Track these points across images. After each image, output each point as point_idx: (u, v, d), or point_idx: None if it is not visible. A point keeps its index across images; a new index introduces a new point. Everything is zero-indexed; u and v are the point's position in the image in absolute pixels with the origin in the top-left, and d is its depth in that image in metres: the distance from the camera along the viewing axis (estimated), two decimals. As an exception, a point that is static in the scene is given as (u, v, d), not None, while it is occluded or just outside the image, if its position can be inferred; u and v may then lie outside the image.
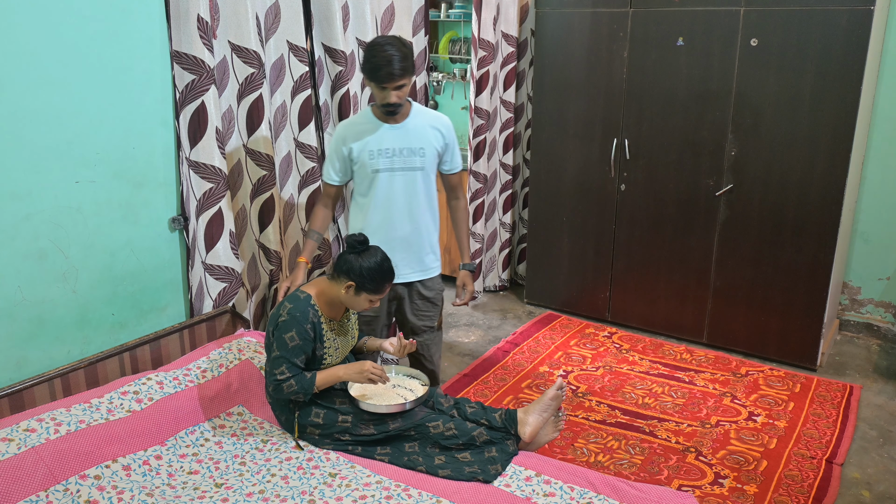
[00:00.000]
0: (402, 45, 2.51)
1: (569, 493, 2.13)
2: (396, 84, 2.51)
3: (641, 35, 3.95)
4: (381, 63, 2.46)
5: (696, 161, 3.93)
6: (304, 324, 2.31)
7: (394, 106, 2.58)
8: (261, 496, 2.10)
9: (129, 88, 2.48)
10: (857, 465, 3.04)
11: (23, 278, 2.28)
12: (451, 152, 2.81)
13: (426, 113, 2.77)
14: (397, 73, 2.48)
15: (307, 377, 2.32)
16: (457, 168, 2.86)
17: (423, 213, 2.78)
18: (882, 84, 3.96)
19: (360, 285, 2.34)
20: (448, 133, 2.78)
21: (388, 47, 2.47)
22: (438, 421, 2.35)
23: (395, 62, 2.46)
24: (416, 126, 2.70)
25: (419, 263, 2.83)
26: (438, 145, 2.75)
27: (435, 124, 2.75)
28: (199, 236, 2.73)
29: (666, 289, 4.20)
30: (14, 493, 1.94)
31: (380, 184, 2.69)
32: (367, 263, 2.33)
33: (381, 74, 2.48)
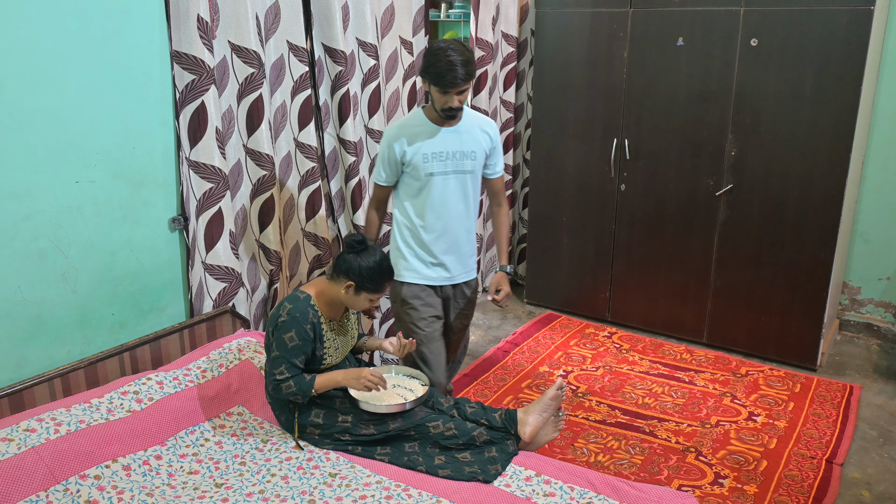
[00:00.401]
0: (465, 49, 2.51)
1: (569, 493, 2.13)
2: (460, 89, 2.52)
3: (641, 35, 3.95)
4: (446, 69, 2.46)
5: (696, 161, 3.93)
6: (303, 324, 2.31)
7: (455, 111, 2.58)
8: (261, 496, 2.10)
9: (129, 88, 2.48)
10: (857, 465, 3.04)
11: (23, 278, 2.28)
12: (497, 156, 2.82)
13: (475, 116, 2.76)
14: (461, 79, 2.48)
15: (306, 380, 2.32)
16: (500, 172, 2.87)
17: (470, 216, 2.80)
18: (882, 84, 3.96)
19: (360, 285, 2.34)
20: (495, 136, 2.78)
21: (450, 52, 2.47)
22: (438, 421, 2.35)
23: (458, 67, 2.46)
24: (468, 129, 2.70)
25: (465, 265, 2.86)
26: (487, 148, 2.75)
27: (484, 127, 2.75)
28: (199, 236, 2.73)
29: (666, 289, 4.20)
30: (14, 493, 1.94)
31: (434, 187, 2.68)
32: (366, 263, 2.33)
33: (446, 80, 2.48)
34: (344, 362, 2.55)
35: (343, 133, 3.27)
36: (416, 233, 2.75)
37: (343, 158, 3.33)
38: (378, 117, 3.43)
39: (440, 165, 2.67)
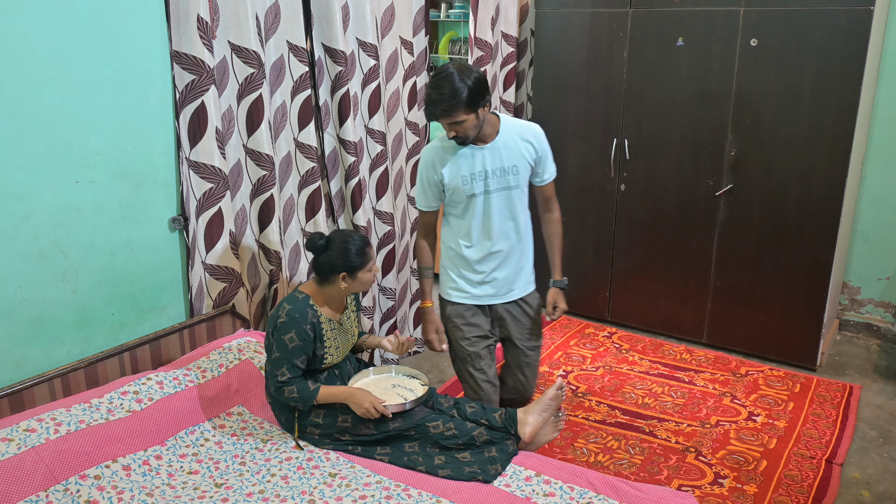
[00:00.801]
0: (454, 80, 2.30)
1: (569, 493, 2.13)
2: (445, 121, 2.37)
3: (641, 35, 3.95)
4: (426, 101, 2.37)
5: (696, 161, 3.93)
6: (303, 324, 2.32)
7: (457, 139, 2.44)
8: (261, 496, 2.10)
9: (129, 88, 2.48)
10: (856, 465, 3.04)
11: (23, 278, 2.28)
12: (545, 162, 2.64)
13: (515, 125, 2.57)
14: (437, 115, 2.35)
15: (310, 390, 2.32)
16: (550, 178, 2.70)
17: (521, 230, 2.67)
18: (882, 84, 3.96)
19: (351, 269, 2.36)
20: (540, 143, 2.60)
21: (434, 85, 2.33)
22: (438, 421, 2.35)
23: (433, 105, 2.34)
24: (506, 143, 2.53)
25: (519, 281, 2.71)
26: (531, 158, 2.59)
27: (526, 136, 2.57)
28: (199, 236, 2.73)
29: (666, 289, 4.20)
30: (14, 493, 1.94)
31: (477, 207, 2.57)
32: (340, 251, 2.35)
33: (426, 111, 2.39)
34: (344, 361, 2.55)
35: (343, 133, 3.27)
36: (461, 252, 2.65)
37: (343, 158, 3.33)
38: (378, 117, 3.43)
39: (480, 185, 2.54)
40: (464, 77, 2.31)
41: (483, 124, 2.44)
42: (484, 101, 2.36)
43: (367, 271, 2.39)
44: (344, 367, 2.54)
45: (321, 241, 2.38)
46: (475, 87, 2.32)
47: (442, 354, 4.04)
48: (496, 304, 2.70)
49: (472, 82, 2.31)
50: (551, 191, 2.73)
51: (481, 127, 2.44)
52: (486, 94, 2.36)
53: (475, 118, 2.37)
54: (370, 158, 3.48)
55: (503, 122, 2.55)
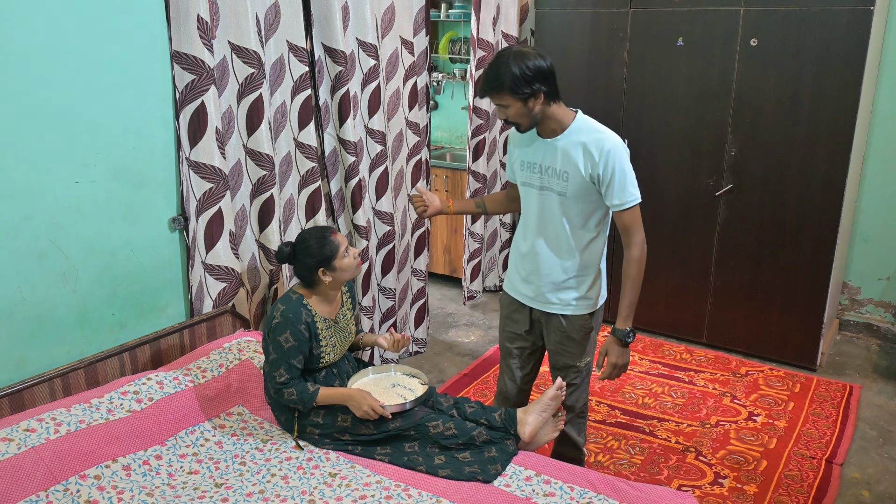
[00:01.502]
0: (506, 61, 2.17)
1: (569, 493, 2.13)
2: (493, 99, 2.26)
3: (641, 35, 3.95)
4: (481, 77, 2.25)
5: (696, 161, 3.93)
6: (297, 324, 2.32)
7: (509, 123, 2.31)
8: (261, 496, 2.10)
9: (129, 88, 2.48)
10: (857, 465, 3.04)
11: (23, 278, 2.28)
12: (610, 183, 2.29)
13: (585, 130, 2.32)
14: (482, 91, 2.25)
15: (309, 392, 2.33)
16: (621, 205, 2.33)
17: (559, 244, 2.43)
18: (882, 84, 3.96)
19: (324, 261, 2.37)
20: (606, 158, 2.26)
21: (493, 61, 2.22)
22: (438, 421, 2.35)
23: (484, 80, 2.23)
24: (566, 145, 2.32)
25: (551, 297, 2.48)
26: (587, 171, 2.29)
27: (588, 146, 2.29)
28: (199, 236, 2.73)
29: (666, 289, 4.20)
30: (14, 493, 1.94)
31: (526, 199, 2.48)
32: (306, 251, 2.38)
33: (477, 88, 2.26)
34: (343, 360, 2.55)
35: (343, 133, 3.27)
36: (516, 242, 2.58)
37: (343, 158, 3.33)
38: (378, 117, 3.43)
39: (527, 175, 2.43)
40: (517, 61, 2.17)
41: (538, 116, 2.28)
42: (533, 91, 2.19)
43: (342, 257, 2.39)
44: (342, 365, 2.54)
45: (287, 249, 2.42)
46: (524, 75, 2.16)
47: (442, 354, 4.05)
48: (535, 309, 2.53)
49: (522, 69, 2.16)
50: (628, 221, 2.38)
51: (536, 119, 2.28)
52: (538, 84, 2.19)
53: (522, 107, 2.22)
54: (370, 158, 3.48)
55: (577, 122, 2.34)
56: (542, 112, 2.27)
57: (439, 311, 4.69)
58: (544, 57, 2.22)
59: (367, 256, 3.51)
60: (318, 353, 2.40)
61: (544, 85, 2.21)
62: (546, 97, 2.24)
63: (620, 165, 2.27)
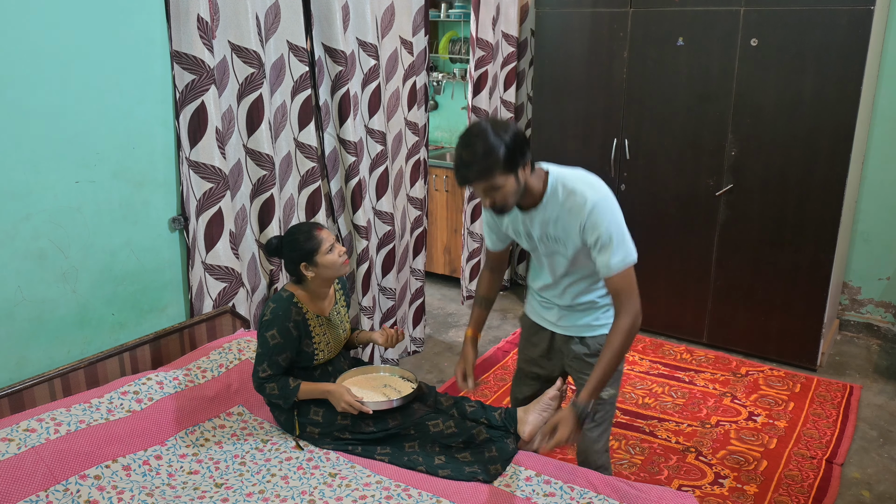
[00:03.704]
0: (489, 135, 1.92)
1: (569, 493, 2.13)
2: (481, 185, 1.98)
3: (641, 35, 3.94)
4: (458, 161, 1.97)
5: (696, 161, 3.93)
6: (285, 322, 2.34)
7: (495, 209, 2.06)
8: (261, 496, 2.10)
9: (129, 88, 2.48)
10: (857, 465, 3.04)
11: (23, 278, 2.28)
12: (601, 249, 2.04)
13: (564, 193, 2.07)
14: (460, 181, 1.99)
15: (290, 387, 2.34)
16: (609, 270, 2.04)
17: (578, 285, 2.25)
18: (882, 84, 3.96)
19: (306, 256, 2.36)
20: (588, 220, 2.03)
21: (469, 140, 1.95)
22: (438, 419, 2.35)
23: (460, 168, 1.96)
24: (551, 212, 2.11)
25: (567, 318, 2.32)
26: (581, 234, 2.08)
27: (573, 210, 2.06)
28: (199, 236, 2.73)
29: (666, 289, 4.20)
30: (14, 493, 1.94)
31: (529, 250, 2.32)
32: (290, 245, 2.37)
33: (457, 175, 1.99)
34: (338, 358, 2.55)
35: (343, 133, 3.27)
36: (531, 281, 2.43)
37: (343, 158, 3.33)
38: (378, 117, 3.43)
39: (530, 244, 2.25)
40: (500, 132, 1.93)
41: (523, 190, 2.04)
42: (524, 159, 1.98)
43: (325, 253, 2.36)
44: (337, 364, 2.54)
45: (275, 242, 2.42)
46: (514, 144, 1.94)
47: (441, 354, 4.05)
48: (557, 333, 2.36)
49: (511, 138, 1.93)
50: (619, 286, 2.05)
51: (523, 192, 2.04)
52: (527, 150, 1.99)
53: (515, 182, 1.98)
54: (370, 158, 3.48)
55: (552, 183, 2.09)
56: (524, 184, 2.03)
57: (439, 310, 4.69)
58: (512, 120, 2.08)
59: (368, 256, 3.51)
60: (312, 350, 2.41)
61: (528, 152, 2.01)
62: (529, 165, 2.02)
63: (606, 226, 2.02)
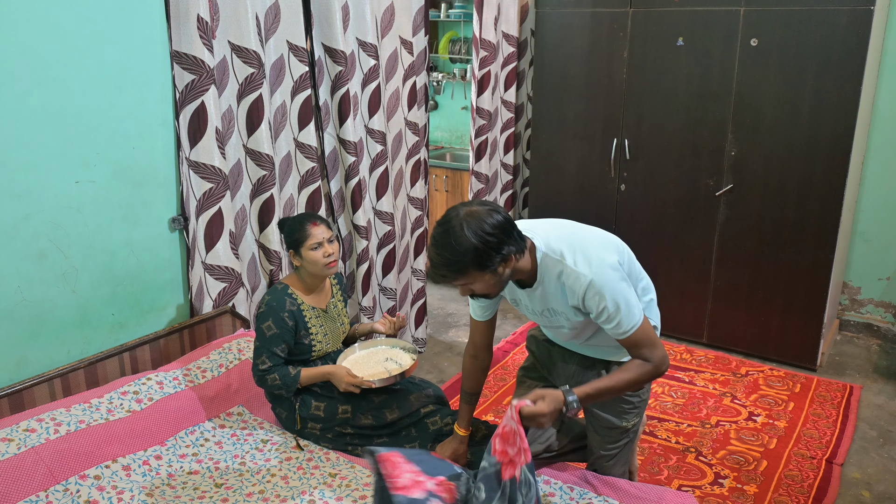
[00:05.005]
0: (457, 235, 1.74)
1: (568, 493, 2.13)
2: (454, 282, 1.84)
3: (641, 35, 3.94)
4: (430, 257, 1.84)
5: (696, 161, 3.93)
6: (280, 312, 2.35)
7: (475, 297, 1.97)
8: (261, 496, 2.10)
9: (129, 88, 2.48)
10: (857, 465, 3.04)
11: (23, 278, 2.28)
12: (604, 318, 1.92)
13: (557, 274, 1.93)
14: (438, 280, 1.84)
15: (291, 375, 2.36)
16: (623, 332, 1.93)
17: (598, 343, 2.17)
18: (882, 84, 3.96)
19: (293, 245, 2.41)
20: (586, 299, 1.91)
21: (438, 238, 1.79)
22: (436, 416, 2.37)
23: (439, 265, 1.80)
24: (548, 289, 1.98)
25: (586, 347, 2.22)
26: (582, 308, 1.96)
27: (567, 290, 1.94)
28: (199, 236, 2.73)
29: (666, 289, 4.18)
30: (14, 493, 1.94)
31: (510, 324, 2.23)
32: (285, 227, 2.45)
33: (429, 272, 1.88)
34: (338, 351, 2.56)
35: (343, 133, 3.27)
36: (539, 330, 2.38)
37: (343, 158, 3.33)
38: (378, 117, 3.43)
39: (529, 315, 2.15)
40: (472, 229, 1.74)
41: (510, 278, 1.90)
42: (502, 257, 1.79)
43: (309, 249, 2.39)
44: (337, 357, 2.55)
45: (281, 222, 2.51)
46: (486, 244, 1.75)
47: (442, 354, 4.05)
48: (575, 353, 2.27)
49: (483, 236, 1.74)
50: (636, 343, 1.95)
51: (508, 280, 1.90)
52: (505, 246, 1.78)
53: (492, 277, 1.82)
54: (370, 158, 3.48)
55: (542, 263, 1.94)
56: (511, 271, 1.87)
57: (439, 311, 4.69)
58: (497, 209, 1.81)
59: (368, 256, 3.51)
60: (309, 341, 2.42)
61: (511, 244, 1.80)
62: (515, 254, 1.83)
63: (608, 300, 1.88)
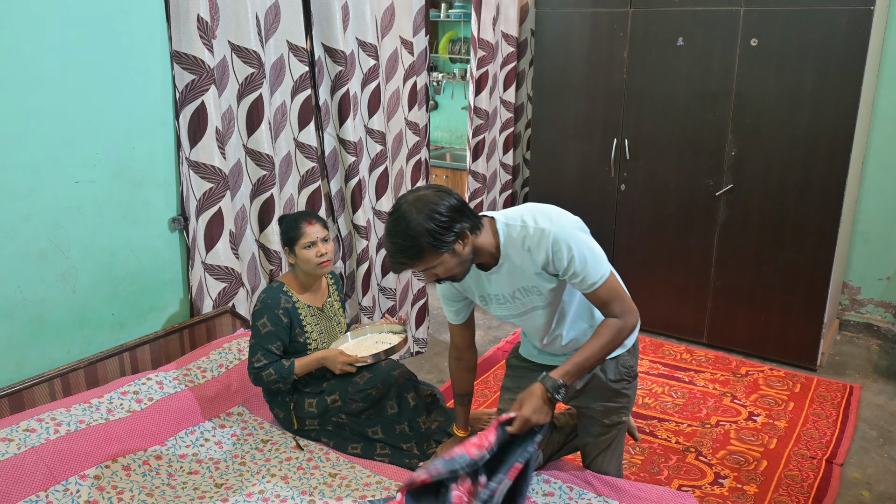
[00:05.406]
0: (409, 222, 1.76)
1: (568, 493, 2.13)
2: (415, 268, 1.86)
3: (641, 35, 3.94)
4: (386, 248, 1.85)
5: (696, 161, 3.93)
6: (275, 309, 2.37)
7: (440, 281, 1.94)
8: (261, 496, 2.10)
9: (129, 88, 2.48)
10: (857, 465, 3.04)
11: (23, 278, 2.28)
12: (571, 273, 1.91)
13: (521, 238, 1.92)
14: (397, 267, 1.85)
15: (286, 366, 2.37)
16: (593, 284, 1.94)
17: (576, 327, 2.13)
18: (882, 84, 3.96)
19: (287, 243, 2.43)
20: (555, 252, 1.89)
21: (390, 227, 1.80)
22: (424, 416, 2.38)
23: (395, 253, 1.81)
24: (515, 264, 1.95)
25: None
26: (553, 270, 1.94)
27: (534, 251, 1.91)
28: (199, 236, 2.73)
29: (666, 289, 4.20)
30: (14, 493, 1.94)
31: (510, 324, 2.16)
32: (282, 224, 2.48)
33: (388, 262, 1.87)
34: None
35: (343, 133, 3.27)
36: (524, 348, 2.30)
37: (343, 158, 3.33)
38: (378, 117, 3.43)
39: (501, 308, 2.07)
40: (421, 214, 1.76)
41: (471, 257, 1.90)
42: (456, 234, 1.80)
43: (303, 247, 2.41)
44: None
45: (280, 218, 2.52)
46: (438, 226, 1.77)
47: (442, 354, 4.05)
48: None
49: (434, 220, 1.76)
50: (607, 296, 1.97)
51: (471, 260, 1.91)
52: (458, 223, 1.80)
53: (451, 257, 1.83)
54: (370, 158, 3.48)
55: (504, 235, 1.93)
56: (472, 250, 1.88)
57: (439, 311, 4.69)
58: (446, 190, 1.84)
59: (368, 256, 3.51)
60: (304, 339, 2.43)
61: (464, 221, 1.82)
62: (471, 231, 1.84)
63: (574, 252, 1.89)
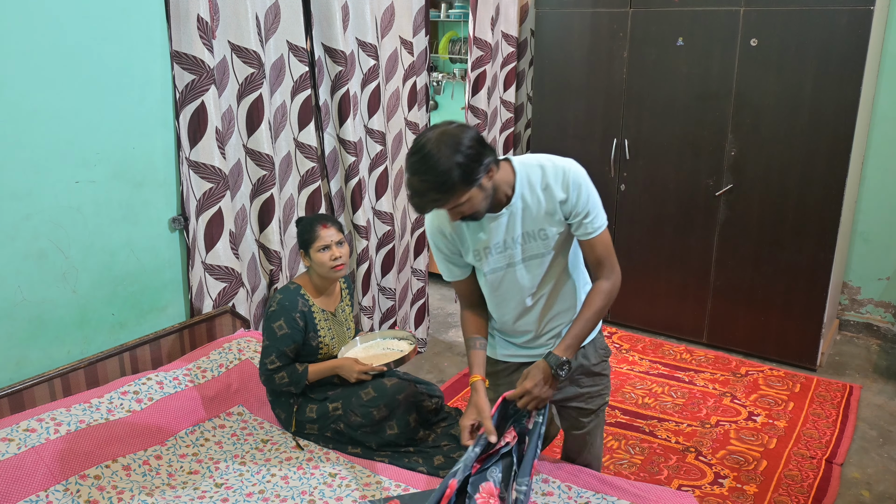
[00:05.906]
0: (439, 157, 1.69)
1: (567, 492, 2.13)
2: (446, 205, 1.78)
3: (641, 35, 3.94)
4: (411, 189, 1.77)
5: (696, 161, 3.93)
6: (292, 312, 2.36)
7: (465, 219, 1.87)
8: (261, 496, 2.10)
9: (129, 88, 2.48)
10: (857, 465, 3.04)
11: (23, 278, 2.28)
12: (582, 212, 1.90)
13: (538, 174, 1.90)
14: (428, 206, 1.79)
15: (299, 371, 2.37)
16: (591, 232, 1.92)
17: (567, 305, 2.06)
18: (882, 84, 3.96)
19: (303, 245, 2.44)
20: (573, 187, 1.88)
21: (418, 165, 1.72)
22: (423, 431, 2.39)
23: (416, 196, 1.76)
24: (527, 201, 1.91)
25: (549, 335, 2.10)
26: (567, 209, 1.91)
27: (553, 185, 1.89)
28: (199, 236, 2.73)
29: (666, 289, 4.20)
30: (14, 493, 1.94)
31: (495, 286, 2.02)
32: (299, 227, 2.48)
33: (413, 203, 1.80)
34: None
35: (343, 133, 3.27)
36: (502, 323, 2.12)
37: (343, 158, 3.33)
38: (378, 117, 3.43)
39: (498, 259, 1.97)
40: (449, 148, 1.70)
41: (493, 194, 1.85)
42: (485, 165, 1.76)
43: (317, 250, 2.41)
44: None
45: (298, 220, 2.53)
46: (468, 158, 1.71)
47: (442, 354, 4.05)
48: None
49: (464, 153, 1.70)
50: (601, 252, 1.94)
51: (492, 196, 1.85)
52: (486, 155, 1.76)
53: (479, 191, 1.78)
54: (370, 158, 3.48)
55: (521, 172, 1.91)
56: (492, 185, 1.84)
57: (439, 311, 4.69)
58: (467, 125, 1.80)
59: (368, 256, 3.51)
60: (316, 343, 2.43)
61: (488, 154, 1.78)
62: (495, 165, 1.81)
63: (587, 188, 1.90)
